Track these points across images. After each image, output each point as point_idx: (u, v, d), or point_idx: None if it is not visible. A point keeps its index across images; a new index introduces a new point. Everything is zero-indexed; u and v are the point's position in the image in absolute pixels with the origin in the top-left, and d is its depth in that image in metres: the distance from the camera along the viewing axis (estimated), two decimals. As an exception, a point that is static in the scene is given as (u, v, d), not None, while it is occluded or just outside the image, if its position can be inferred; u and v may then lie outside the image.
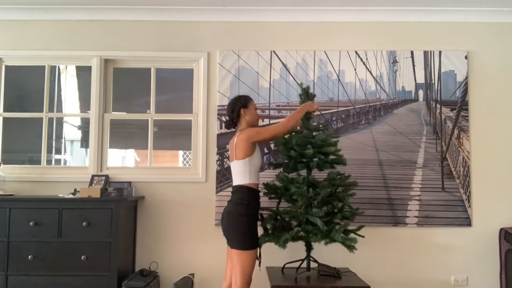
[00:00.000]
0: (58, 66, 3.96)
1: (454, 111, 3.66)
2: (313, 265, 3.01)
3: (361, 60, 3.71)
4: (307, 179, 2.81)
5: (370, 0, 3.51)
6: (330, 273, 2.88)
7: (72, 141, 4.19)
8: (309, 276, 2.85)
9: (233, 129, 2.88)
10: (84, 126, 3.91)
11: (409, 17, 3.69)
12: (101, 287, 3.04)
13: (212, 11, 3.65)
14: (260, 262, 2.74)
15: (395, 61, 3.73)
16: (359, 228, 2.89)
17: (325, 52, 3.71)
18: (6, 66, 3.79)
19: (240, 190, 2.68)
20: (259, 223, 2.80)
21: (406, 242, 3.54)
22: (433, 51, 3.71)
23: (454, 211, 3.54)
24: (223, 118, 3.63)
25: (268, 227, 2.90)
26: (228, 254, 2.80)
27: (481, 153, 3.61)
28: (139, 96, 3.90)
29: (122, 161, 4.88)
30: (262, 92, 3.68)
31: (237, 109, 2.76)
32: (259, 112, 3.63)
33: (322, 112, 3.69)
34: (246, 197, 2.65)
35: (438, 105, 3.69)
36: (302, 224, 2.76)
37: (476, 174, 3.59)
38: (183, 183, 3.60)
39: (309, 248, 2.92)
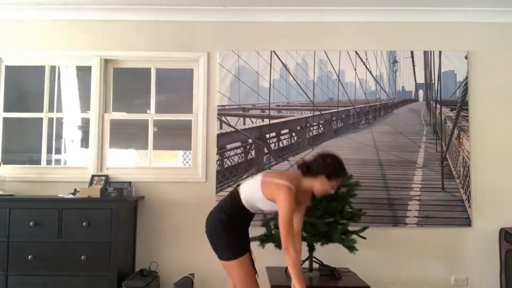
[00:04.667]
0: (58, 66, 3.95)
1: (454, 111, 3.66)
2: (316, 265, 3.01)
3: (361, 60, 3.71)
4: None
5: (370, 0, 3.51)
6: (331, 273, 2.88)
7: (72, 141, 4.18)
8: (310, 277, 2.85)
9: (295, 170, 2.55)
10: (84, 126, 3.90)
11: (409, 17, 3.69)
12: (101, 287, 3.04)
13: (212, 11, 3.65)
14: (255, 270, 2.49)
15: (395, 61, 3.73)
16: (363, 229, 2.88)
17: (325, 52, 3.71)
18: (6, 66, 3.79)
19: (235, 198, 2.43)
20: (259, 223, 2.79)
21: (406, 242, 3.54)
22: (433, 51, 3.71)
23: (454, 211, 3.54)
24: (223, 118, 3.64)
25: (272, 226, 2.89)
26: None
27: (481, 153, 3.61)
28: (139, 96, 3.89)
29: (122, 161, 4.87)
30: (262, 92, 3.68)
31: (320, 172, 2.34)
32: (259, 112, 3.65)
33: (322, 112, 3.69)
34: (232, 207, 2.42)
35: (438, 105, 3.69)
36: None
37: (476, 174, 3.59)
38: (183, 183, 3.60)
39: (311, 248, 2.92)
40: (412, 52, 3.72)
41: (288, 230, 2.22)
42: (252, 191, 2.38)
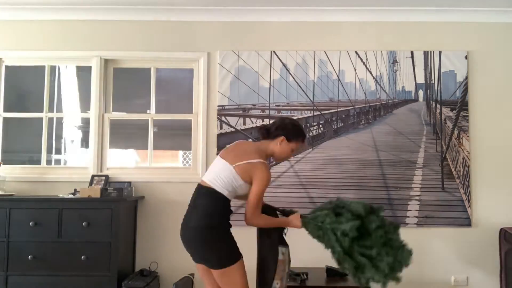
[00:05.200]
0: (58, 66, 3.95)
1: (454, 111, 3.66)
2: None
3: (361, 60, 3.71)
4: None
5: (370, 0, 3.51)
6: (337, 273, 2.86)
7: (72, 141, 4.19)
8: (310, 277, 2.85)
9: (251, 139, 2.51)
10: (84, 126, 3.91)
11: (409, 17, 3.69)
12: (101, 287, 3.04)
13: (212, 11, 3.65)
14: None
15: (395, 61, 3.73)
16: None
17: (325, 52, 3.71)
18: (6, 66, 3.79)
19: (218, 198, 2.21)
20: None
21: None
22: (433, 51, 3.70)
23: (454, 211, 3.54)
24: (223, 118, 3.64)
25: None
26: (205, 275, 2.35)
27: (481, 153, 3.60)
28: (139, 96, 3.90)
29: (122, 161, 4.89)
30: (262, 92, 3.68)
31: (280, 133, 2.33)
32: (259, 112, 3.65)
33: (322, 112, 3.69)
34: (221, 208, 2.22)
35: (438, 105, 3.69)
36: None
37: (476, 174, 3.58)
38: (183, 183, 3.59)
39: None
40: (412, 52, 3.72)
41: (259, 204, 2.21)
42: (229, 181, 2.21)
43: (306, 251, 2.93)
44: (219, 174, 2.24)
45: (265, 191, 2.22)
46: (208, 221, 2.19)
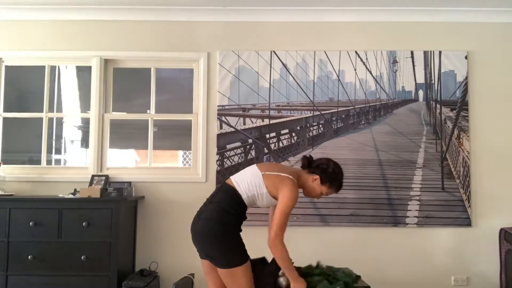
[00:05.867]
0: (58, 66, 3.95)
1: (454, 111, 3.66)
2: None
3: (361, 60, 3.71)
4: None
5: (370, 0, 3.51)
6: None
7: (72, 141, 4.20)
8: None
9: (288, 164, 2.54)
10: (84, 126, 3.91)
11: (409, 17, 3.69)
12: (101, 287, 3.04)
13: (212, 11, 3.65)
14: None
15: (395, 61, 3.73)
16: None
17: (325, 52, 3.71)
18: (6, 66, 3.79)
19: (234, 194, 2.23)
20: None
21: (406, 242, 3.54)
22: (433, 51, 3.71)
23: (454, 211, 3.54)
24: (223, 118, 3.64)
25: None
26: (209, 272, 2.34)
27: (481, 153, 3.60)
28: (139, 96, 3.90)
29: (122, 161, 4.89)
30: (262, 92, 3.68)
31: (316, 172, 2.31)
32: (259, 112, 3.65)
33: (322, 112, 3.69)
34: (236, 205, 2.22)
35: (438, 105, 3.69)
36: None
37: (476, 174, 3.58)
38: (183, 183, 3.60)
39: None
40: (412, 52, 3.72)
41: (285, 223, 2.15)
42: (252, 187, 2.23)
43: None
44: (246, 177, 2.26)
45: (291, 210, 2.17)
46: (221, 217, 2.18)
